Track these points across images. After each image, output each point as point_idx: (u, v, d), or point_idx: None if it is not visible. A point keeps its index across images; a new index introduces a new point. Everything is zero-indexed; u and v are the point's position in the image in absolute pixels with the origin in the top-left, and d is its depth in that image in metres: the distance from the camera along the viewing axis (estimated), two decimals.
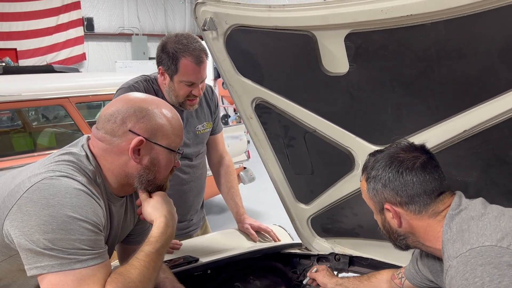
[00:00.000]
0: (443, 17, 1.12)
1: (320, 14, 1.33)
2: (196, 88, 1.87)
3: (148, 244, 1.15)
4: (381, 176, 1.18)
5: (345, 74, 1.41)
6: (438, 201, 1.15)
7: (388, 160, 1.18)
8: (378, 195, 1.20)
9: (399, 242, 1.24)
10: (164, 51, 1.84)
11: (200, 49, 1.83)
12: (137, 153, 1.19)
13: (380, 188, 1.18)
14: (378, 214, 1.24)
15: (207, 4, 1.53)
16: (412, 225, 1.17)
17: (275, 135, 1.79)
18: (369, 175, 1.22)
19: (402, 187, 1.15)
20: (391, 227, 1.22)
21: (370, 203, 1.26)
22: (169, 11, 12.50)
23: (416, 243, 1.22)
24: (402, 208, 1.16)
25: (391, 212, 1.18)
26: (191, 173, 2.08)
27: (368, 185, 1.22)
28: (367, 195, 1.25)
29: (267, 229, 2.02)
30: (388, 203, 1.18)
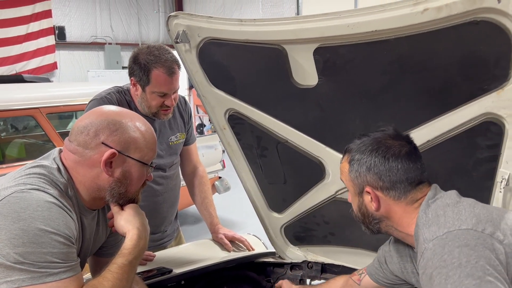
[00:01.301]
0: (405, 33, 1.18)
1: (289, 28, 1.38)
2: (168, 98, 1.88)
3: (121, 256, 1.15)
4: (366, 159, 1.19)
5: (314, 86, 1.46)
6: (417, 190, 1.17)
7: (375, 145, 1.19)
8: (360, 177, 1.21)
9: (372, 226, 1.26)
10: (136, 62, 1.85)
11: (172, 60, 1.84)
12: (109, 166, 1.19)
13: (364, 171, 1.19)
14: (356, 196, 1.26)
15: (180, 17, 1.55)
16: (389, 210, 1.19)
17: (248, 145, 1.82)
18: (353, 157, 1.23)
19: (386, 172, 1.16)
20: (367, 210, 1.24)
21: (349, 184, 1.27)
22: (143, 21, 12.44)
23: (388, 228, 1.24)
24: (382, 193, 1.18)
25: (370, 196, 1.20)
26: (164, 184, 2.08)
27: (351, 167, 1.23)
28: (347, 177, 1.26)
29: (241, 238, 2.03)
30: (369, 186, 1.20)
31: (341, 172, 1.30)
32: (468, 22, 1.09)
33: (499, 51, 1.10)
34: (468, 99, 1.20)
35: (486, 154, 1.27)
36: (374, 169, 1.18)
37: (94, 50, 11.61)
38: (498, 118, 1.19)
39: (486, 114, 1.20)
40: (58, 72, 10.99)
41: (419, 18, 1.13)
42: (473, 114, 1.22)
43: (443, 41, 1.15)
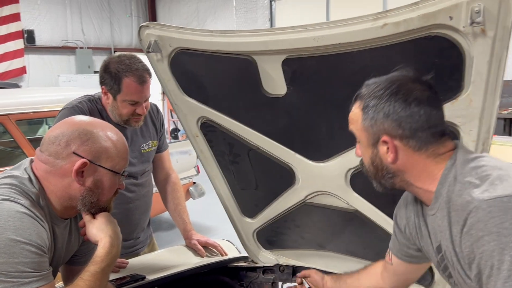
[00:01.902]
0: (366, 46, 1.25)
1: (259, 40, 1.43)
2: (140, 107, 1.90)
3: (94, 264, 1.16)
4: (383, 105, 1.06)
5: (283, 96, 1.51)
6: (440, 142, 1.07)
7: (395, 88, 1.06)
8: (376, 125, 1.08)
9: (385, 181, 1.14)
10: (107, 71, 1.87)
11: (143, 69, 1.87)
12: (80, 175, 1.21)
13: (381, 118, 1.07)
14: (369, 147, 1.13)
15: (151, 27, 1.58)
16: (406, 162, 1.08)
17: (221, 152, 1.86)
18: (367, 103, 1.09)
19: (407, 118, 1.04)
20: (382, 163, 1.11)
21: (362, 135, 1.13)
22: (115, 25, 12.30)
23: (403, 183, 1.13)
24: (401, 142, 1.06)
25: (387, 146, 1.08)
26: (136, 191, 2.09)
27: (365, 115, 1.10)
28: (359, 126, 1.13)
29: (214, 244, 2.06)
30: (386, 135, 1.07)
31: (352, 121, 1.16)
32: (424, 37, 1.17)
33: (453, 64, 1.17)
34: None
35: None
36: (393, 116, 1.05)
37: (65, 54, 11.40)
38: (453, 126, 1.27)
39: None
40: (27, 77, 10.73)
41: (379, 32, 1.20)
42: None
43: (402, 54, 1.23)
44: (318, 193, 1.72)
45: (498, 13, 1.04)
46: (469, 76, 1.17)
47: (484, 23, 1.05)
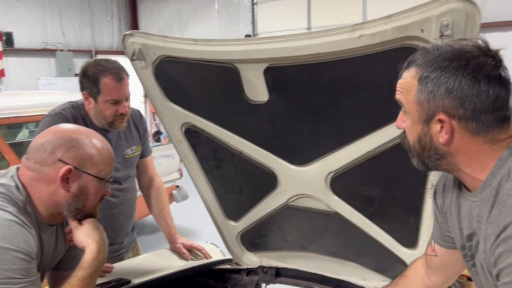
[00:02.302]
0: (344, 56, 1.31)
1: (241, 49, 1.48)
2: (121, 105, 1.93)
3: (81, 269, 1.19)
4: (447, 79, 0.93)
5: (265, 103, 1.56)
6: (501, 128, 0.95)
7: (463, 60, 0.93)
8: (433, 101, 0.95)
9: (431, 162, 1.03)
10: (85, 76, 1.92)
11: (118, 68, 1.93)
12: (65, 182, 1.23)
13: (442, 93, 0.93)
14: (419, 123, 0.99)
15: (136, 36, 1.62)
16: (460, 145, 0.96)
17: (205, 157, 1.89)
18: (427, 74, 0.96)
19: (472, 98, 0.92)
20: (432, 143, 0.99)
21: (413, 108, 0.99)
22: (96, 27, 12.18)
23: (449, 166, 1.02)
24: (459, 123, 0.94)
25: (441, 125, 0.96)
26: (120, 196, 2.11)
27: (421, 86, 0.96)
28: (412, 98, 0.99)
29: (198, 247, 2.09)
30: (444, 113, 0.94)
31: (402, 90, 1.02)
32: (398, 47, 1.23)
33: None
34: None
35: None
36: (457, 92, 0.92)
37: (45, 57, 11.23)
38: None
39: None
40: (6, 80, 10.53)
41: (355, 43, 1.26)
42: None
43: (377, 64, 1.29)
44: (299, 196, 1.77)
45: (465, 26, 1.11)
46: None
47: (452, 36, 1.12)
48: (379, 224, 1.63)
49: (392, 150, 1.43)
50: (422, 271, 1.36)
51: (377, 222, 1.63)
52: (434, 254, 1.30)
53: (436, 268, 1.31)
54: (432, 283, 1.34)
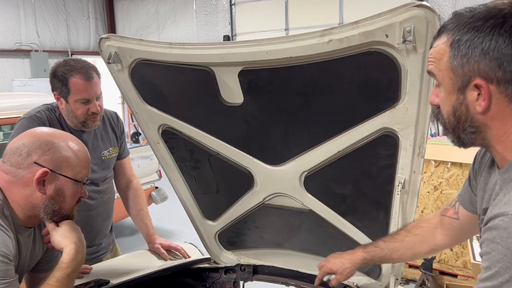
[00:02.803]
0: (314, 60, 1.36)
1: (216, 52, 1.51)
2: (92, 105, 1.95)
3: (59, 270, 1.21)
4: (483, 39, 0.86)
5: (241, 105, 1.60)
6: None
7: (499, 18, 0.86)
8: (468, 65, 0.88)
9: (466, 136, 0.96)
10: (55, 76, 1.93)
11: (88, 67, 1.94)
12: (41, 184, 1.25)
13: (477, 55, 0.87)
14: (454, 92, 0.93)
15: (111, 39, 1.64)
16: (497, 115, 0.89)
17: (182, 158, 1.92)
18: (459, 37, 0.89)
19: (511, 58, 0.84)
20: (468, 112, 0.92)
21: (446, 76, 0.93)
22: (72, 27, 11.99)
23: (484, 141, 0.96)
24: (498, 88, 0.87)
25: (479, 91, 0.89)
26: (98, 198, 2.12)
27: (454, 51, 0.90)
28: (445, 66, 0.93)
29: (177, 247, 2.12)
30: (481, 77, 0.87)
31: (433, 59, 0.96)
32: (365, 52, 1.29)
33: (390, 77, 1.30)
34: (369, 116, 1.40)
35: (385, 162, 1.48)
36: (494, 53, 0.85)
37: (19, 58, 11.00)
38: (393, 132, 1.40)
39: (383, 129, 1.41)
40: None
41: (325, 47, 1.32)
42: (373, 129, 1.42)
43: (346, 68, 1.35)
44: (275, 195, 1.82)
45: (426, 32, 1.18)
46: (405, 88, 1.30)
47: (414, 41, 1.19)
48: (351, 220, 1.70)
49: (362, 149, 1.49)
50: (436, 231, 1.35)
51: (349, 219, 1.70)
52: (456, 217, 1.27)
53: (452, 230, 1.30)
54: (443, 243, 1.35)
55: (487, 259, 0.87)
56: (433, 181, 3.73)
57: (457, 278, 3.48)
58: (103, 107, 2.02)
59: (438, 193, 3.74)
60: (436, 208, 3.78)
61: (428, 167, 3.70)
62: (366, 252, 1.46)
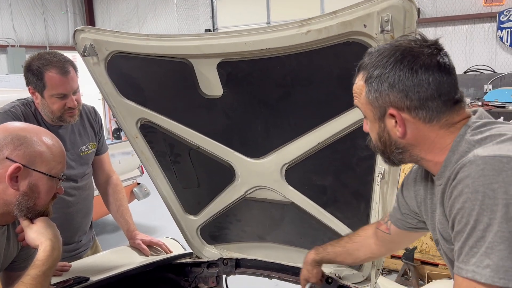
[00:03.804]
0: (293, 51, 1.35)
1: (194, 44, 1.49)
2: (69, 99, 1.89)
3: (34, 267, 1.18)
4: (388, 74, 0.98)
5: (220, 97, 1.59)
6: (453, 111, 0.99)
7: (399, 55, 0.98)
8: (381, 98, 1.00)
9: (394, 157, 1.07)
10: (29, 70, 1.87)
11: (64, 61, 1.88)
12: (14, 180, 1.21)
13: (386, 89, 0.98)
14: (376, 122, 1.05)
15: (86, 32, 1.60)
16: (417, 135, 1.00)
17: (162, 153, 1.90)
18: (370, 74, 1.01)
19: (414, 88, 0.96)
20: (390, 138, 1.04)
21: (367, 109, 1.05)
22: (50, 22, 11.72)
23: (413, 158, 1.06)
24: (410, 114, 0.98)
25: (394, 119, 1.00)
26: (77, 195, 2.08)
27: (368, 87, 1.02)
28: (364, 100, 1.04)
29: (158, 242, 2.09)
30: (393, 107, 0.99)
31: (356, 95, 1.08)
32: (343, 42, 1.28)
33: None
34: (348, 107, 1.40)
35: (365, 153, 1.48)
36: (399, 86, 0.97)
37: None
38: None
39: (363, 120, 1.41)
40: None
41: (304, 38, 1.31)
42: (353, 120, 1.42)
43: (325, 58, 1.34)
44: (256, 188, 1.81)
45: (403, 22, 1.17)
46: None
47: (392, 31, 1.18)
48: (332, 212, 1.70)
49: (341, 141, 1.50)
50: (371, 240, 1.46)
51: (330, 210, 1.70)
52: (388, 232, 1.38)
53: (384, 241, 1.42)
54: (378, 252, 1.48)
55: (462, 217, 0.88)
56: None
57: (438, 268, 3.53)
58: (81, 101, 1.98)
59: None
60: None
61: None
62: (316, 254, 1.59)
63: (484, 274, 0.83)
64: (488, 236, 0.83)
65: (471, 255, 0.86)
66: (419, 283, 3.47)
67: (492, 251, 0.82)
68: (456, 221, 0.90)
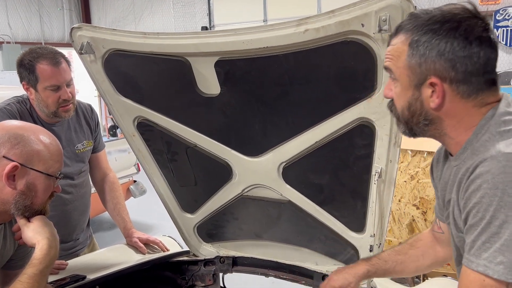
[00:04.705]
0: (291, 50, 1.35)
1: (191, 42, 1.49)
2: (63, 91, 1.89)
3: (31, 266, 1.17)
4: (440, 41, 0.93)
5: (217, 95, 1.58)
6: (490, 91, 0.96)
7: (454, 22, 0.93)
8: (425, 64, 0.95)
9: (418, 128, 1.03)
10: (21, 65, 1.88)
11: (54, 52, 1.89)
12: (11, 179, 1.21)
13: (434, 56, 0.94)
14: (410, 89, 0.99)
15: (83, 29, 1.59)
16: (450, 109, 0.97)
17: (159, 151, 1.90)
18: (417, 37, 0.95)
19: (464, 59, 0.92)
20: (422, 108, 0.99)
21: (404, 73, 0.99)
22: (45, 18, 11.65)
23: (437, 132, 1.02)
24: (450, 87, 0.95)
25: (434, 89, 0.96)
26: (74, 192, 2.07)
27: (412, 50, 0.96)
28: (403, 64, 0.99)
29: (155, 240, 2.09)
30: (436, 77, 0.95)
31: (392, 57, 1.02)
32: (341, 42, 1.28)
33: (366, 66, 1.30)
34: (345, 106, 1.40)
35: (362, 152, 1.48)
36: (449, 54, 0.93)
37: None
38: (370, 122, 1.41)
39: (360, 119, 1.41)
40: None
41: (301, 37, 1.31)
42: (350, 119, 1.42)
43: (322, 57, 1.34)
44: (254, 186, 1.81)
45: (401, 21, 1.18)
46: (381, 77, 1.30)
47: (390, 30, 1.18)
48: (329, 210, 1.70)
49: (339, 139, 1.50)
50: (432, 243, 1.37)
51: (327, 209, 1.70)
52: (441, 232, 1.31)
53: (444, 243, 1.32)
54: (442, 255, 1.36)
55: (478, 211, 0.87)
56: (410, 171, 3.79)
57: None
58: (75, 94, 1.97)
59: (415, 182, 3.81)
60: (413, 197, 3.85)
61: (405, 157, 3.75)
62: (370, 265, 1.41)
63: (497, 270, 0.84)
64: (504, 233, 0.83)
65: (483, 249, 0.86)
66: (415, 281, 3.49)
67: (508, 248, 0.83)
68: (471, 215, 0.90)
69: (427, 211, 3.82)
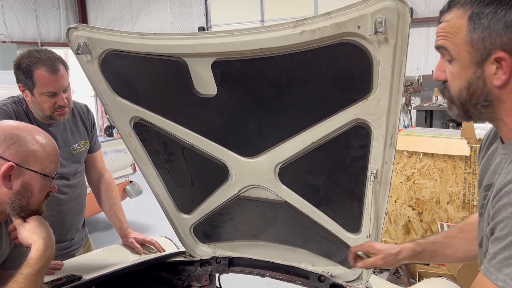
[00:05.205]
0: (288, 51, 1.36)
1: (188, 43, 1.49)
2: (59, 98, 1.88)
3: (27, 266, 1.17)
4: (506, 11, 0.84)
5: (214, 96, 1.59)
6: None
7: None
8: (490, 38, 0.87)
9: (475, 110, 0.95)
10: (19, 68, 1.87)
11: (54, 59, 1.87)
12: (7, 179, 1.21)
13: (500, 29, 0.85)
14: (471, 66, 0.91)
15: (80, 29, 1.59)
16: None
17: (155, 151, 1.90)
18: (479, 9, 0.87)
19: None
20: (484, 87, 0.91)
21: (464, 50, 0.91)
22: (42, 18, 11.62)
23: (493, 115, 0.94)
24: None
25: (499, 64, 0.88)
26: (69, 193, 2.07)
27: (474, 23, 0.88)
28: (462, 40, 0.90)
29: (151, 241, 2.10)
30: (503, 51, 0.86)
31: (447, 34, 0.94)
32: (337, 43, 1.29)
33: (362, 68, 1.31)
34: (341, 107, 1.41)
35: (358, 153, 1.49)
36: None
37: None
38: (365, 123, 1.42)
39: (356, 120, 1.42)
40: None
41: (298, 38, 1.31)
42: (346, 120, 1.43)
43: (319, 59, 1.35)
44: (250, 187, 1.82)
45: (397, 24, 1.18)
46: (377, 79, 1.31)
47: (386, 32, 1.19)
48: (325, 211, 1.71)
49: (335, 140, 1.50)
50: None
51: (323, 210, 1.71)
52: None
53: None
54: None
55: (505, 226, 0.84)
56: (406, 172, 3.81)
57: (429, 266, 3.57)
58: (71, 99, 1.97)
59: (410, 183, 3.83)
60: (409, 198, 3.86)
61: (401, 158, 3.77)
62: (416, 244, 1.36)
63: None
64: None
65: (505, 264, 0.84)
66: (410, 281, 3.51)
67: None
68: (497, 228, 0.87)
69: (423, 212, 3.84)
